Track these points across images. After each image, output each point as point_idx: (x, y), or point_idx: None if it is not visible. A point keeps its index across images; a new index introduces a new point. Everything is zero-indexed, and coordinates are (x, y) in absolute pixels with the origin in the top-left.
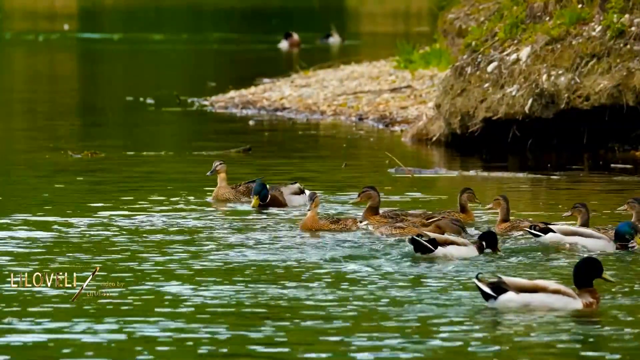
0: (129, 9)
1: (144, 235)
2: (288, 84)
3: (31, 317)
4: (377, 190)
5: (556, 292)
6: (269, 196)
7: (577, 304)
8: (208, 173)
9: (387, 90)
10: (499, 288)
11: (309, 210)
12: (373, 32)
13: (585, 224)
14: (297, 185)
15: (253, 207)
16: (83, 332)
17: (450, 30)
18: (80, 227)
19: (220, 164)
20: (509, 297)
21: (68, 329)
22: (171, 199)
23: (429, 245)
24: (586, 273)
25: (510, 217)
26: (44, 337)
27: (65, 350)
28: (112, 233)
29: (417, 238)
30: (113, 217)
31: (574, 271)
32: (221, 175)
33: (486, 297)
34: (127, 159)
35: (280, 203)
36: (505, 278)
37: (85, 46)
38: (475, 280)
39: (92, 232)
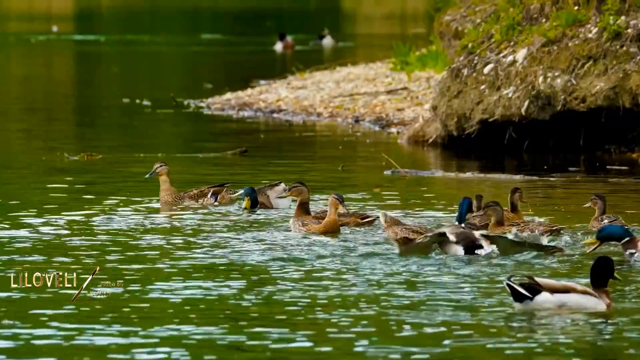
0: (125, 11)
1: (142, 235)
2: (284, 86)
3: (31, 317)
4: (307, 187)
5: (584, 292)
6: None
7: (603, 305)
8: (147, 175)
9: (384, 92)
10: (533, 289)
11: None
12: (369, 33)
13: (500, 222)
14: (282, 186)
15: (244, 209)
16: (83, 333)
17: (447, 32)
18: (78, 228)
19: (161, 165)
20: (545, 298)
21: (68, 330)
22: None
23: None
24: (604, 273)
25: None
26: (43, 338)
27: (65, 351)
28: (111, 234)
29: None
30: (111, 218)
31: (592, 271)
32: (161, 177)
33: (520, 298)
34: (123, 161)
35: (266, 206)
36: (537, 279)
37: (77, 48)
38: (509, 282)
39: (91, 233)
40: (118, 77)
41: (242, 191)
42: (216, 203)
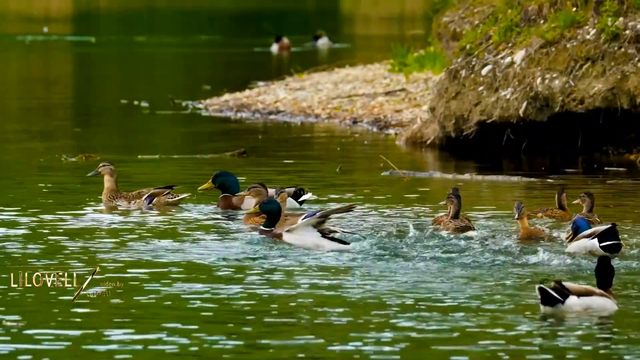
0: (123, 12)
1: (142, 236)
2: (282, 87)
3: (31, 318)
4: (266, 188)
5: (602, 295)
6: (231, 198)
7: (615, 306)
8: (89, 174)
9: (382, 94)
10: (562, 293)
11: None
12: (367, 35)
13: (456, 215)
14: (289, 190)
15: (201, 189)
16: (84, 333)
17: (445, 34)
18: (77, 228)
19: (103, 165)
20: (574, 302)
21: (68, 330)
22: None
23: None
24: (609, 273)
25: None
26: (43, 338)
27: (65, 351)
28: (111, 234)
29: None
30: (111, 218)
31: (599, 273)
32: (105, 177)
33: (551, 302)
34: (121, 162)
35: (235, 207)
36: (564, 282)
37: (73, 49)
38: (542, 286)
39: (90, 233)
40: (116, 78)
41: (185, 195)
42: (150, 205)
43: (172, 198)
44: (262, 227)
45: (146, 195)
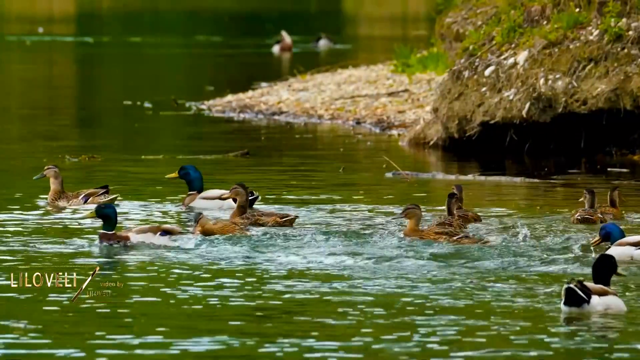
0: (125, 13)
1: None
2: (285, 88)
3: (31, 317)
4: (246, 189)
5: (614, 294)
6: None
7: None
8: (35, 177)
9: (385, 94)
10: (586, 292)
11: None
12: (370, 35)
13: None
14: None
15: (167, 177)
16: (84, 333)
17: (448, 34)
18: (79, 229)
19: (48, 168)
20: (597, 302)
21: (68, 330)
22: (168, 202)
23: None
24: (609, 271)
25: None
26: (42, 337)
27: (66, 351)
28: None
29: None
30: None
31: (596, 270)
32: (50, 179)
33: (577, 302)
34: (124, 163)
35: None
36: (586, 282)
37: (75, 50)
38: (571, 286)
39: (91, 234)
40: (119, 79)
41: (115, 195)
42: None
43: (104, 198)
44: (102, 231)
45: (83, 195)
